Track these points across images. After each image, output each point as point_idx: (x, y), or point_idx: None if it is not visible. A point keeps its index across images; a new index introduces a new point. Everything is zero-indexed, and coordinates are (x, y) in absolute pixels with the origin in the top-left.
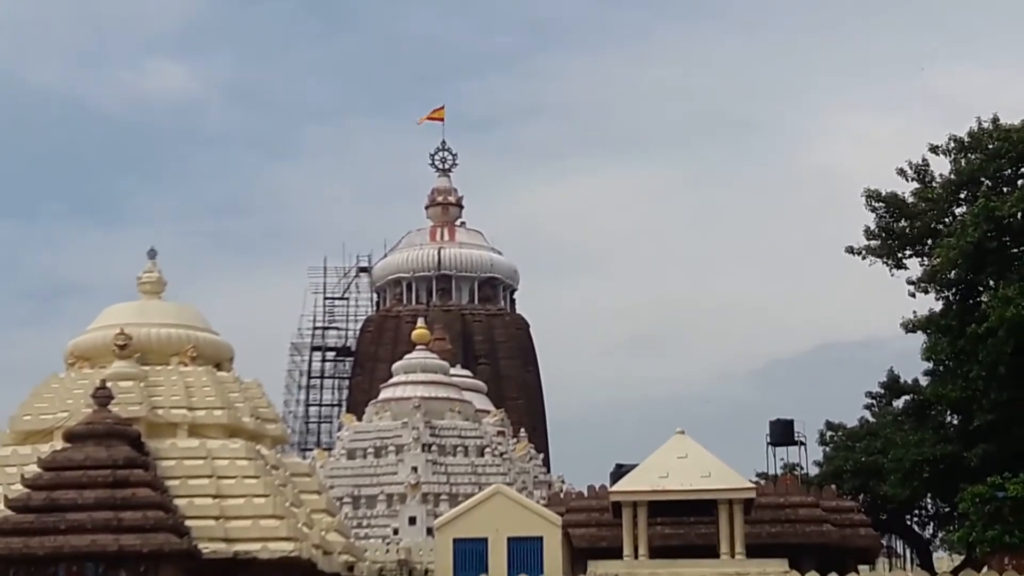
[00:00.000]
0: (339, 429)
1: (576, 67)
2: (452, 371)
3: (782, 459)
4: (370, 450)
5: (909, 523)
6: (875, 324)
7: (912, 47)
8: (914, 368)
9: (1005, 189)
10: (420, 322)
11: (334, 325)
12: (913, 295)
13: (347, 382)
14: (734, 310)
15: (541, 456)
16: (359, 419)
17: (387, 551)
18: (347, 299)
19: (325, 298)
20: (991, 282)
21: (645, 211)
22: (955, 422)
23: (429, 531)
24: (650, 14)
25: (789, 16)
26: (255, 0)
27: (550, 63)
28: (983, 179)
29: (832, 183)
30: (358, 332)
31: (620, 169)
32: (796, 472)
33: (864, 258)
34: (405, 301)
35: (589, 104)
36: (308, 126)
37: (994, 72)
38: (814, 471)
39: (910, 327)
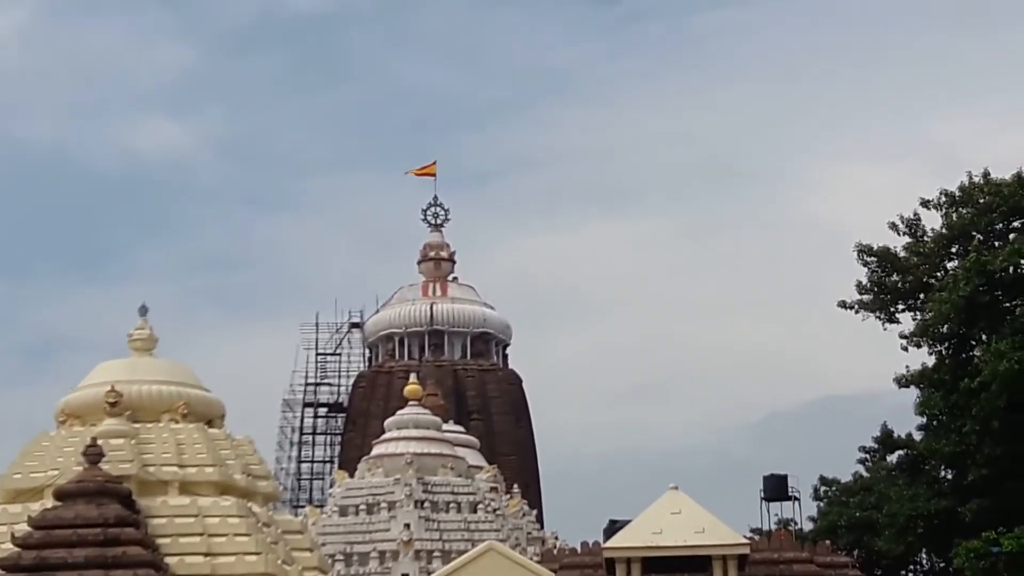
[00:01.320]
0: (331, 486)
1: (569, 118)
2: (445, 427)
3: (776, 514)
4: (362, 507)
5: None
6: (873, 378)
7: (904, 97)
8: (910, 422)
9: (996, 243)
10: (412, 378)
11: (326, 381)
12: (906, 349)
13: (339, 438)
14: (730, 362)
15: (534, 512)
16: (351, 475)
17: None
18: (339, 355)
19: (317, 354)
20: (983, 336)
21: (639, 262)
22: (949, 477)
23: None
24: (644, 65)
25: (783, 66)
26: (247, 54)
27: (543, 114)
28: (974, 233)
29: (827, 234)
30: (350, 388)
31: (614, 219)
32: (790, 527)
33: (857, 312)
34: (397, 357)
35: (582, 154)
36: (301, 180)
37: (985, 123)
38: (808, 526)
39: (903, 382)
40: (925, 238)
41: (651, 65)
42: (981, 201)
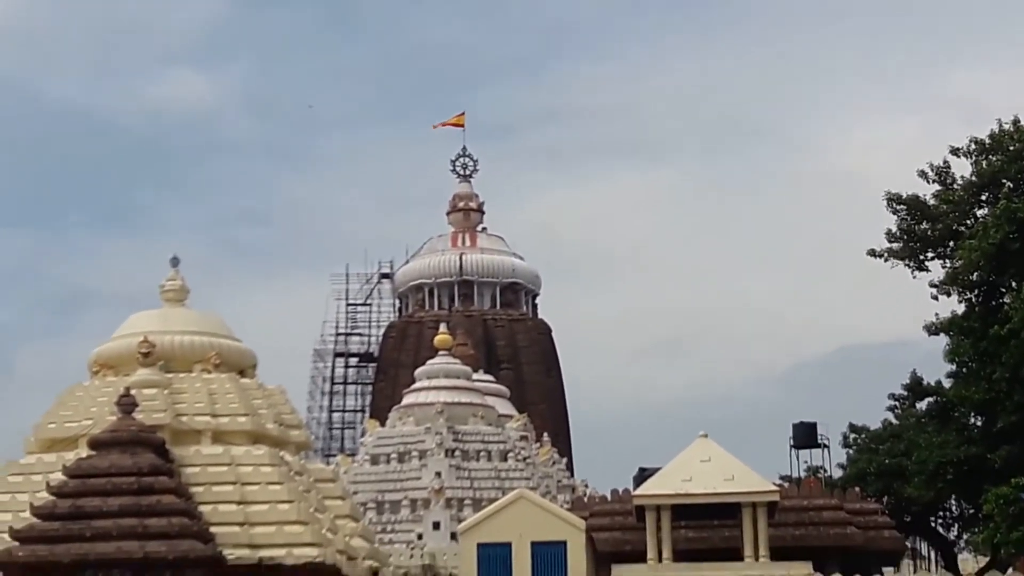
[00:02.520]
0: (362, 435)
1: (594, 72)
2: (475, 376)
3: (805, 462)
4: (393, 455)
5: (933, 525)
6: (901, 326)
7: (929, 49)
8: (940, 370)
9: None
10: (442, 328)
11: (357, 331)
12: (935, 297)
13: (370, 388)
14: (757, 313)
15: (564, 460)
16: (382, 425)
17: (411, 556)
18: (369, 305)
19: (348, 304)
20: (1013, 284)
21: (666, 215)
22: (978, 424)
23: (453, 536)
24: (666, 19)
25: (805, 20)
26: (272, 8)
27: (568, 68)
28: (1004, 180)
29: (852, 186)
30: (381, 338)
31: (640, 173)
32: (819, 475)
33: (886, 260)
34: (427, 307)
35: (607, 108)
36: (327, 134)
37: (1013, 73)
38: (838, 474)
39: (932, 329)
40: (955, 186)
41: (673, 20)
42: (1011, 148)
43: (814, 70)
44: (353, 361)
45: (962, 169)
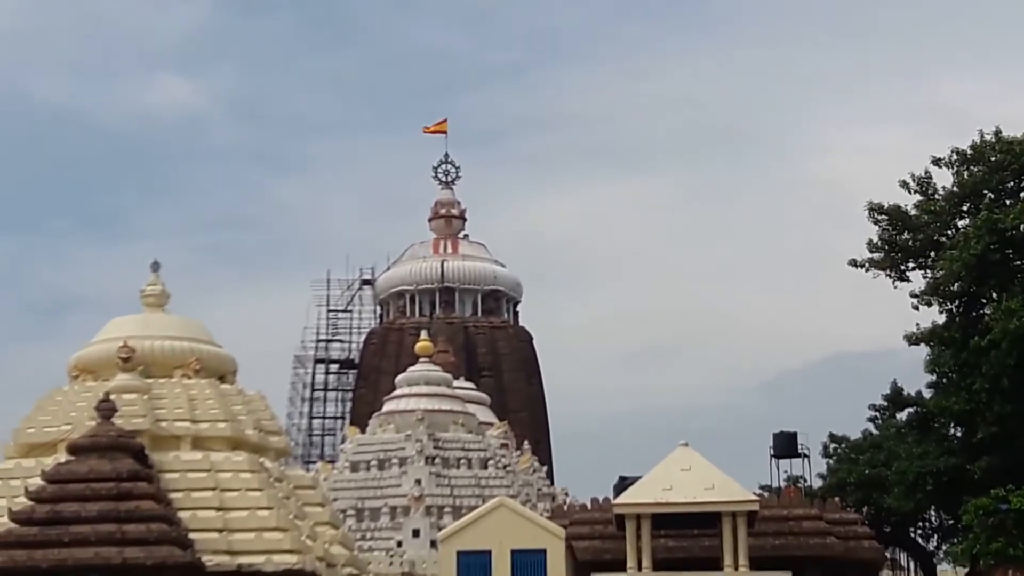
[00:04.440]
0: (342, 441)
1: (578, 79)
2: (455, 383)
3: (785, 471)
4: (373, 462)
5: (913, 535)
6: (883, 336)
7: (914, 58)
8: (920, 380)
9: (1008, 201)
10: (423, 334)
11: (338, 338)
12: (916, 307)
13: (350, 394)
14: (741, 322)
15: (544, 468)
16: (363, 431)
17: (391, 564)
18: (350, 312)
19: (329, 311)
20: (994, 294)
21: (649, 222)
22: (958, 434)
23: (433, 544)
24: (652, 26)
25: (790, 28)
26: (258, 14)
27: (552, 75)
28: (986, 191)
29: (836, 195)
30: (362, 345)
31: (623, 180)
32: (799, 484)
33: (867, 271)
34: (408, 314)
35: (591, 116)
36: (311, 139)
37: (997, 83)
38: (818, 483)
39: (913, 340)
40: (936, 196)
41: (657, 27)
42: (993, 159)
43: (798, 78)
44: (334, 368)
45: (944, 180)
